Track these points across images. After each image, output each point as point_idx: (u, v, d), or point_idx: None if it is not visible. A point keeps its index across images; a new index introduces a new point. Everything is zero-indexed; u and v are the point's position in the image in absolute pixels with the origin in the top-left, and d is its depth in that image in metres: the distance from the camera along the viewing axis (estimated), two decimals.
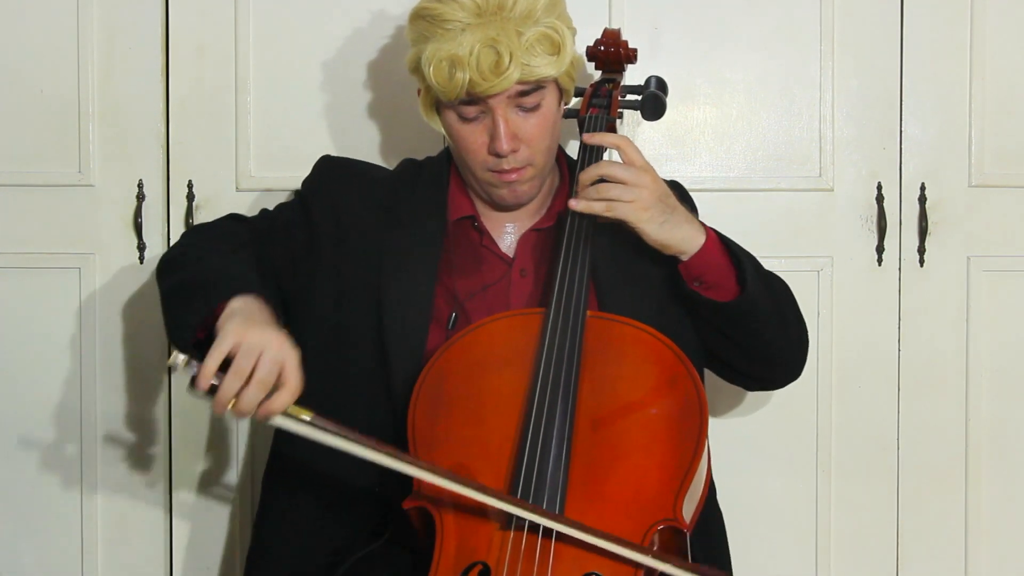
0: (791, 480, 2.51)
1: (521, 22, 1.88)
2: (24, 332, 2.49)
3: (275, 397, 1.69)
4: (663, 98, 2.10)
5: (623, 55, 2.15)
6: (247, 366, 1.68)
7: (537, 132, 1.94)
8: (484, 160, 1.95)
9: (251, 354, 1.68)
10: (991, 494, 2.51)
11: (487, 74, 1.87)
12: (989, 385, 2.50)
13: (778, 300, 2.02)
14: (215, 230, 2.09)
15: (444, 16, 1.89)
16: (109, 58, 2.46)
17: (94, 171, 2.47)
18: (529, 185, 1.99)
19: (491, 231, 2.04)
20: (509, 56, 1.86)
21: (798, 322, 2.08)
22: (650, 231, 1.91)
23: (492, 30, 1.87)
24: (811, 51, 2.48)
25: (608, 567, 1.71)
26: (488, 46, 1.86)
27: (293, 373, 1.71)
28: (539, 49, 1.89)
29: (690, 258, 1.93)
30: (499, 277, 2.02)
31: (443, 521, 1.76)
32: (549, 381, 1.81)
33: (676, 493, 1.75)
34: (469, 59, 1.86)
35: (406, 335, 1.96)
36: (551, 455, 1.77)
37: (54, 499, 2.51)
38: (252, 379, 1.68)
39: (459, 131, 1.96)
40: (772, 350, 2.04)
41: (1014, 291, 2.50)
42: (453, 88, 1.89)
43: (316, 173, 2.14)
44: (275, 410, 1.69)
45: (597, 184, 1.91)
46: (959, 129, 2.48)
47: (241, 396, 1.68)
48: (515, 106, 1.92)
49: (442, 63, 1.88)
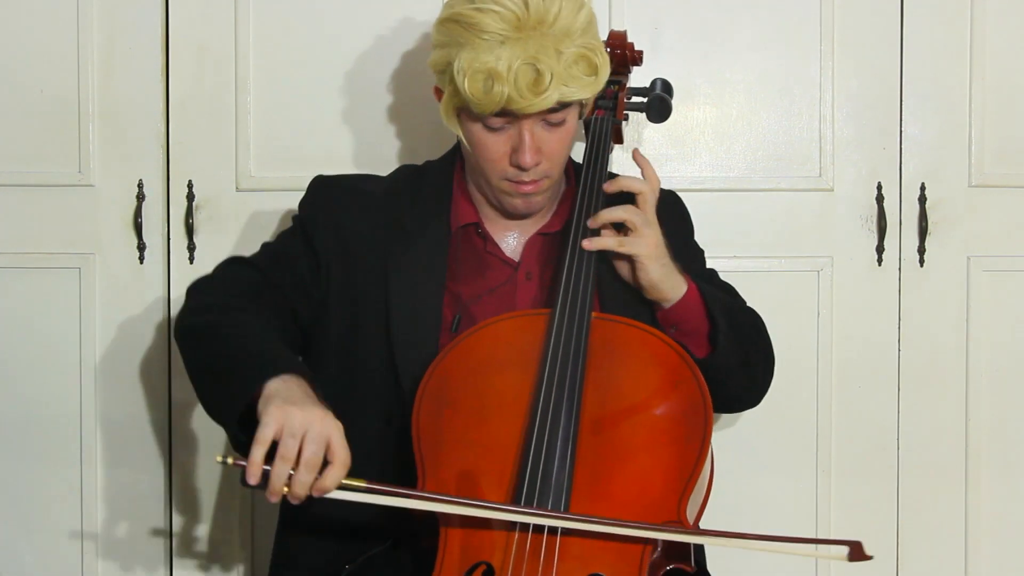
0: (791, 480, 2.51)
1: (560, 39, 1.84)
2: (24, 332, 2.49)
3: (326, 475, 1.68)
4: (669, 100, 2.10)
5: (629, 57, 2.15)
6: (293, 450, 1.66)
7: (559, 147, 1.93)
8: (503, 170, 1.93)
9: (295, 437, 1.67)
10: (991, 494, 2.51)
11: (525, 92, 1.83)
12: (989, 385, 2.51)
13: (747, 352, 2.03)
14: (227, 285, 2.02)
15: (482, 26, 1.83)
16: (109, 58, 2.46)
17: (94, 171, 2.47)
18: (543, 196, 1.98)
19: (495, 237, 2.04)
20: (550, 76, 1.82)
21: (765, 370, 2.10)
22: (652, 270, 1.92)
23: (532, 47, 1.82)
24: (811, 51, 2.48)
25: (612, 567, 1.72)
26: (528, 64, 1.82)
27: (340, 447, 1.69)
28: (577, 71, 1.86)
29: (671, 306, 1.95)
30: (504, 281, 2.02)
31: (447, 521, 1.76)
32: (554, 382, 1.81)
33: (680, 494, 1.76)
34: (508, 75, 1.82)
35: (415, 346, 1.95)
36: (556, 456, 1.77)
37: (54, 499, 2.51)
38: (300, 462, 1.67)
39: (482, 139, 1.93)
40: (733, 394, 2.06)
41: (1014, 291, 2.50)
42: (490, 102, 1.84)
43: (311, 196, 2.10)
44: (328, 487, 1.68)
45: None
46: (959, 129, 2.48)
47: (293, 481, 1.67)
48: (542, 120, 1.90)
49: (478, 75, 1.83)
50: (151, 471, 2.51)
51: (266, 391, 1.72)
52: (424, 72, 2.39)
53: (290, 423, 1.67)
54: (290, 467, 1.67)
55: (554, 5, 1.84)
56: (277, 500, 1.69)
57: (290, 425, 1.67)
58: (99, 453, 2.50)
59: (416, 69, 2.44)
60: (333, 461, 1.68)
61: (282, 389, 1.72)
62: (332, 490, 1.69)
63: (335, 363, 2.00)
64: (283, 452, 1.66)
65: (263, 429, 1.67)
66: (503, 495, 1.77)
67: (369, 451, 1.87)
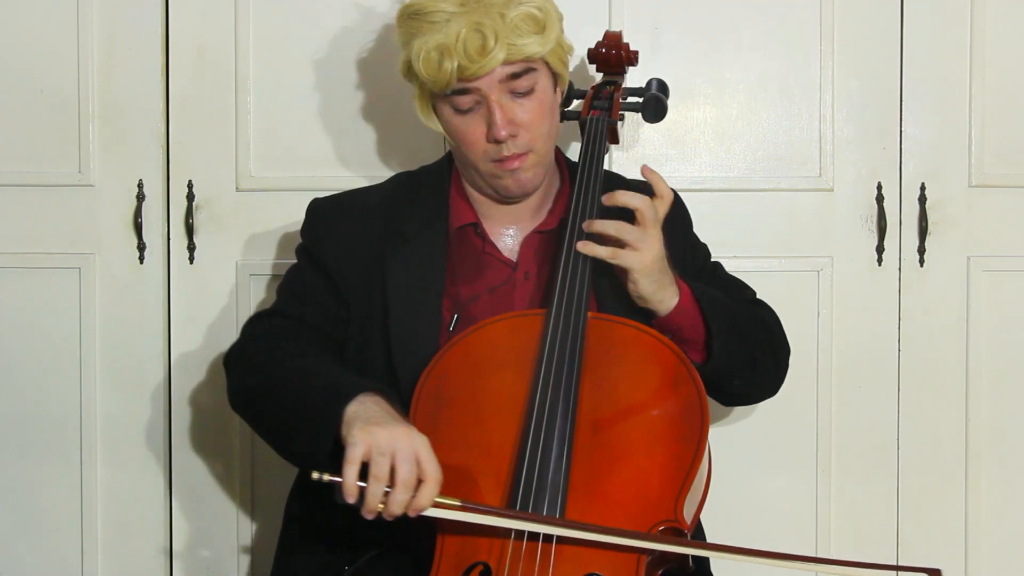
0: (791, 480, 2.51)
1: (504, 5, 1.89)
2: (24, 332, 2.49)
3: (420, 493, 1.68)
4: (664, 100, 2.10)
5: (624, 57, 2.15)
6: (384, 469, 1.67)
7: (533, 116, 1.94)
8: (485, 150, 1.95)
9: (384, 456, 1.68)
10: (991, 494, 2.51)
11: (474, 56, 1.87)
12: (989, 385, 2.50)
13: (751, 352, 2.03)
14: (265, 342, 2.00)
15: (428, 9, 1.90)
16: (109, 58, 2.46)
17: (94, 171, 2.47)
18: (533, 172, 1.98)
19: (493, 236, 2.04)
20: (495, 37, 1.87)
21: (775, 364, 2.10)
22: (641, 285, 1.91)
23: (476, 15, 1.88)
24: (811, 51, 2.48)
25: (609, 567, 1.72)
26: (474, 30, 1.87)
27: (430, 463, 1.70)
28: (524, 28, 1.90)
29: (665, 315, 1.95)
30: (503, 281, 2.02)
31: (444, 521, 1.76)
32: (550, 382, 1.81)
33: (677, 494, 1.75)
34: (456, 45, 1.87)
35: (415, 348, 1.95)
36: (552, 456, 1.77)
37: (54, 499, 2.51)
38: (395, 482, 1.68)
39: (456, 125, 1.96)
40: (741, 391, 2.08)
41: (1014, 291, 2.50)
42: (443, 76, 1.89)
43: (311, 222, 2.10)
44: (423, 506, 1.69)
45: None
46: (959, 129, 2.48)
47: (389, 500, 1.68)
48: (508, 91, 1.92)
49: (431, 54, 1.89)
50: (151, 471, 2.51)
51: (346, 418, 1.73)
52: None
53: (377, 443, 1.68)
54: (384, 486, 1.67)
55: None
56: (373, 517, 1.69)
57: (377, 445, 1.68)
58: (99, 453, 2.50)
59: None
60: (425, 479, 1.69)
61: (361, 411, 1.73)
62: (427, 508, 1.69)
63: None
64: (375, 472, 1.67)
65: (351, 450, 1.68)
66: (500, 495, 1.77)
67: None
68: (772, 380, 2.12)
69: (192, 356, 2.49)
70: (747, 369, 2.02)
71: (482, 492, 1.78)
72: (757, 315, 2.10)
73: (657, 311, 1.94)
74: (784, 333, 2.13)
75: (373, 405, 1.75)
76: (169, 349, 2.49)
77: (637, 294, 1.93)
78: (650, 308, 1.94)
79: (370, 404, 1.75)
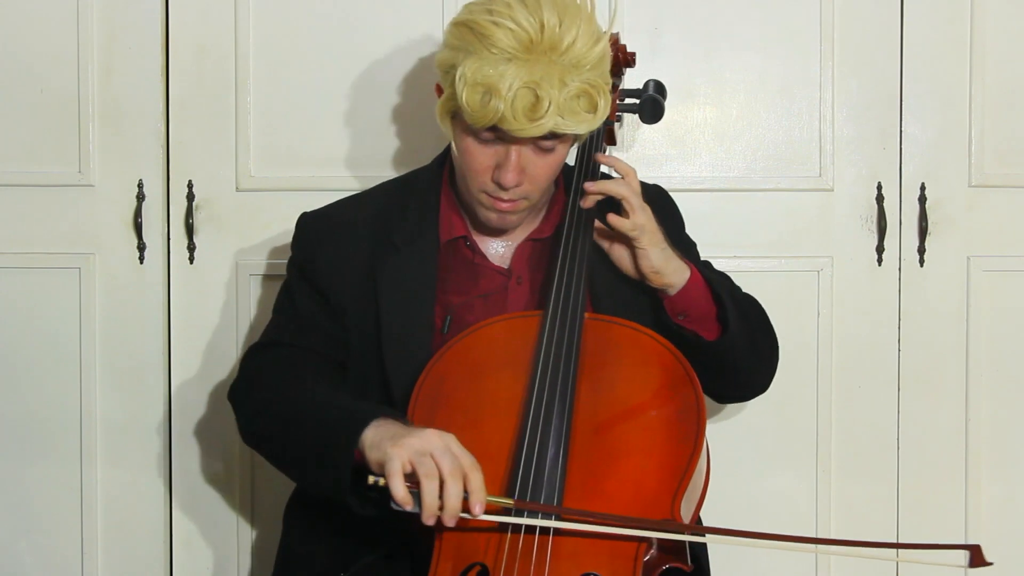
0: (791, 479, 2.51)
1: (567, 70, 1.81)
2: (24, 332, 2.49)
3: (470, 481, 1.66)
4: (661, 101, 2.10)
5: (621, 59, 2.15)
6: (431, 468, 1.65)
7: (544, 173, 1.91)
8: (484, 183, 1.91)
9: (424, 456, 1.65)
10: (991, 494, 2.51)
11: (520, 116, 1.80)
12: (989, 385, 2.50)
13: (754, 332, 2.03)
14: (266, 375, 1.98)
15: (493, 39, 1.79)
16: (109, 58, 2.46)
17: (94, 171, 2.47)
18: (518, 216, 1.97)
19: (484, 247, 2.03)
20: (548, 105, 1.79)
21: (771, 349, 2.11)
22: (653, 255, 1.92)
23: (537, 71, 1.79)
24: (811, 51, 2.48)
25: (607, 567, 1.72)
26: (529, 87, 1.79)
27: (463, 454, 1.68)
28: (578, 107, 1.83)
29: (676, 293, 1.95)
30: (496, 288, 2.01)
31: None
32: (547, 383, 1.81)
33: (674, 493, 1.75)
34: (507, 94, 1.79)
35: (406, 357, 1.95)
36: (548, 456, 1.77)
37: (54, 499, 2.51)
38: (443, 476, 1.65)
39: (470, 148, 1.90)
40: (744, 379, 2.08)
41: (1014, 291, 2.50)
42: (484, 116, 1.82)
43: (302, 236, 2.07)
44: (477, 490, 1.65)
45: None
46: (959, 129, 2.48)
47: (445, 495, 1.65)
48: (532, 144, 1.87)
49: (478, 87, 1.80)
50: (151, 471, 2.51)
51: (366, 444, 1.71)
52: (425, 74, 2.40)
53: (412, 449, 1.66)
54: (437, 483, 1.64)
55: (569, 34, 1.80)
56: (433, 522, 1.65)
57: (414, 450, 1.65)
58: (99, 453, 2.50)
59: (417, 70, 2.44)
60: (467, 469, 1.66)
61: (380, 432, 1.71)
62: (484, 498, 1.66)
63: None
64: (424, 472, 1.64)
65: (390, 464, 1.65)
66: (497, 496, 1.77)
67: None
68: (768, 368, 2.11)
69: (192, 356, 2.49)
70: (750, 351, 2.02)
71: None
72: (753, 300, 2.11)
73: (671, 286, 1.94)
74: (773, 327, 2.12)
75: (390, 426, 1.72)
76: (169, 349, 2.49)
77: (651, 267, 1.93)
78: (663, 283, 1.94)
79: (387, 425, 1.72)
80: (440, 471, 1.65)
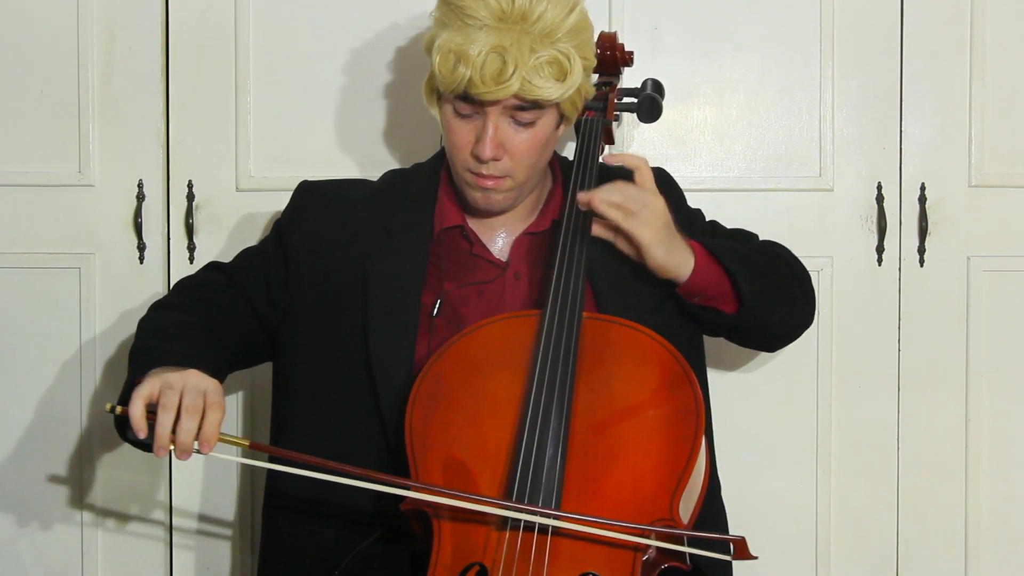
0: (791, 479, 2.51)
1: (539, 39, 1.87)
2: (24, 332, 2.49)
3: (206, 420, 1.71)
4: (659, 100, 2.11)
5: (619, 58, 2.15)
6: (173, 400, 1.71)
7: (524, 148, 1.94)
8: (466, 159, 1.95)
9: (173, 390, 1.72)
10: (991, 494, 2.51)
11: (487, 80, 1.86)
12: (989, 385, 2.50)
13: (778, 284, 2.05)
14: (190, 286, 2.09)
15: (467, 10, 1.87)
16: (109, 58, 2.46)
17: (94, 171, 2.47)
18: (504, 196, 1.98)
19: (482, 237, 2.04)
20: (513, 68, 1.85)
21: (802, 290, 2.12)
22: (657, 255, 1.93)
23: (507, 38, 1.86)
24: (811, 51, 2.48)
25: (605, 567, 1.72)
26: (497, 53, 1.85)
27: (216, 395, 1.74)
28: (546, 71, 1.88)
29: (686, 280, 1.95)
30: (491, 279, 2.02)
31: (440, 522, 1.76)
32: (545, 382, 1.82)
33: (673, 493, 1.76)
34: (475, 59, 1.85)
35: (391, 347, 1.96)
36: (546, 456, 1.77)
37: (54, 499, 2.51)
38: (180, 411, 1.71)
39: (451, 124, 1.95)
40: (782, 331, 2.11)
41: (1014, 291, 2.50)
42: (452, 81, 1.88)
43: (293, 202, 2.13)
44: (210, 432, 1.71)
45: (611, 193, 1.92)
46: (959, 129, 2.48)
47: (177, 429, 1.70)
48: (510, 117, 1.91)
49: (449, 55, 1.88)
50: (151, 471, 2.51)
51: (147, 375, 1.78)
52: (424, 74, 2.39)
53: (166, 380, 1.73)
54: (172, 417, 1.70)
55: (540, 5, 1.86)
56: (164, 455, 1.72)
57: (167, 381, 1.72)
58: (99, 453, 2.50)
59: (417, 69, 2.44)
60: (211, 407, 1.72)
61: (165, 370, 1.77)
62: (215, 440, 1.71)
63: (312, 367, 2.02)
64: (164, 402, 1.70)
65: (141, 388, 1.73)
66: (495, 496, 1.77)
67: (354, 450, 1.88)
68: (806, 308, 2.13)
69: None
70: (781, 303, 2.04)
71: (479, 492, 1.78)
72: (770, 251, 2.13)
73: (678, 277, 1.95)
74: (799, 261, 2.15)
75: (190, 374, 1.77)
76: None
77: (655, 265, 1.94)
78: (670, 276, 1.95)
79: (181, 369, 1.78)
80: (181, 406, 1.70)
